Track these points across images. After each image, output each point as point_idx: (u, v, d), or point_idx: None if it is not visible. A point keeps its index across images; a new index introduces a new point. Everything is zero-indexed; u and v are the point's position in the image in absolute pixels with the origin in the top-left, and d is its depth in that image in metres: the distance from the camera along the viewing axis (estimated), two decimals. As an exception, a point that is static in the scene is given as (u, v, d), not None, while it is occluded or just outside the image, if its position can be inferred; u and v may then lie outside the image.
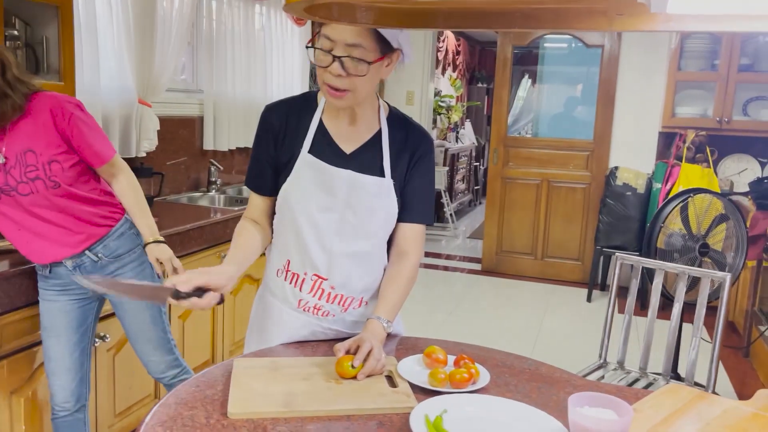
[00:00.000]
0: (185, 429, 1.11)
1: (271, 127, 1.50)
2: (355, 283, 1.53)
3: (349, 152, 1.49)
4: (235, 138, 3.89)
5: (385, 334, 1.45)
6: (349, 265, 1.51)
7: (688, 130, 4.69)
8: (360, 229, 1.49)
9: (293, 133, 1.49)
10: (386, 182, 1.49)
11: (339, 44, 1.34)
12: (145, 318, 2.05)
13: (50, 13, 2.30)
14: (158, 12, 3.09)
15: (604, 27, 1.14)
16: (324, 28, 1.36)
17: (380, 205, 1.49)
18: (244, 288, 3.11)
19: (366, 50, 1.36)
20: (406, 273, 1.53)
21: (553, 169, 5.49)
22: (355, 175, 1.46)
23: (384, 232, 1.54)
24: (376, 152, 1.50)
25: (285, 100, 1.55)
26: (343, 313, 1.55)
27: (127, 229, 2.01)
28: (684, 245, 2.90)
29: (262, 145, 1.51)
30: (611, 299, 2.39)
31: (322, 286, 1.51)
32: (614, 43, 5.15)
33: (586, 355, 3.31)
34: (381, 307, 1.48)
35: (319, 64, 1.38)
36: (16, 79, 1.75)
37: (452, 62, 8.55)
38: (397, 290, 1.51)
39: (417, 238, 1.56)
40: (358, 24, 1.29)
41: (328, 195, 1.47)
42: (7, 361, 1.91)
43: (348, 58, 1.35)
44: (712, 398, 1.30)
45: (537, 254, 5.60)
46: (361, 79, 1.37)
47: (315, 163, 1.46)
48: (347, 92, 1.38)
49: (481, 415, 1.18)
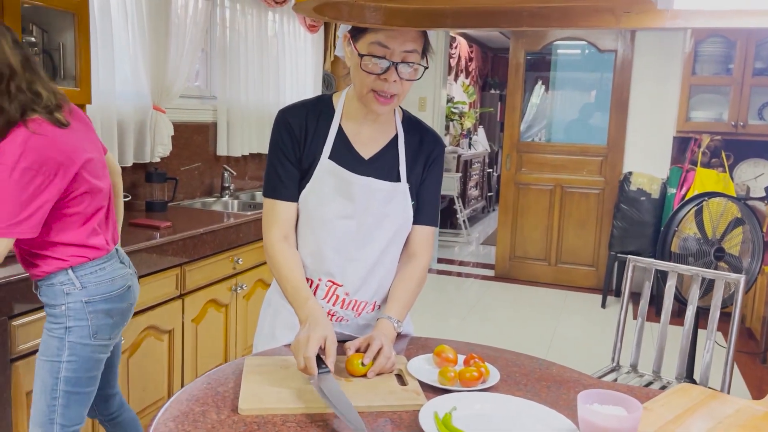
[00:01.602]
0: (196, 424, 1.12)
1: (292, 129, 1.46)
2: (370, 288, 1.52)
3: (367, 157, 1.48)
4: (248, 144, 3.92)
5: (395, 334, 1.45)
6: (365, 271, 1.50)
7: (703, 134, 4.66)
8: (377, 234, 1.49)
9: (313, 138, 1.46)
10: (401, 186, 1.49)
11: (396, 51, 1.33)
12: (37, 383, 1.79)
13: (67, 19, 2.34)
14: (172, 19, 3.13)
15: (611, 24, 1.15)
16: (372, 35, 1.33)
17: (396, 210, 1.49)
18: (257, 292, 3.13)
19: (419, 55, 1.37)
20: (417, 274, 1.53)
21: (567, 175, 5.47)
22: (372, 182, 1.45)
23: (400, 237, 1.53)
24: (393, 156, 1.50)
25: (300, 102, 1.51)
26: (356, 318, 1.55)
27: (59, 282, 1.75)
28: (699, 249, 2.88)
29: (287, 149, 1.46)
30: (624, 301, 2.38)
31: (337, 292, 1.51)
32: (627, 47, 5.13)
33: (599, 361, 3.28)
34: (391, 307, 1.48)
35: (371, 71, 1.35)
36: (18, 90, 1.61)
37: (465, 69, 8.56)
38: (408, 291, 1.51)
39: (427, 240, 1.56)
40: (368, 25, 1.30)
41: (348, 201, 1.45)
42: (24, 362, 1.93)
43: (403, 64, 1.35)
44: (724, 397, 1.28)
45: (550, 260, 5.58)
46: (410, 83, 1.39)
47: (335, 170, 1.44)
48: (395, 97, 1.39)
49: (491, 413, 1.18)
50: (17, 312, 1.88)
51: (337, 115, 1.48)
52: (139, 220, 2.70)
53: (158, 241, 2.42)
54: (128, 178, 3.11)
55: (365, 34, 1.34)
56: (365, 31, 1.34)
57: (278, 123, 1.47)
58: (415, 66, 1.36)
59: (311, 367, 1.21)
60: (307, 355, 1.22)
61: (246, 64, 3.82)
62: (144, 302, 2.37)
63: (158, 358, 2.52)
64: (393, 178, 1.48)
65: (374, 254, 1.49)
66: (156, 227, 2.61)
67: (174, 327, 2.58)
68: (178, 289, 2.57)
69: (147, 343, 2.44)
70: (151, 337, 2.46)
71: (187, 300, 2.63)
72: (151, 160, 3.16)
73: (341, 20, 1.26)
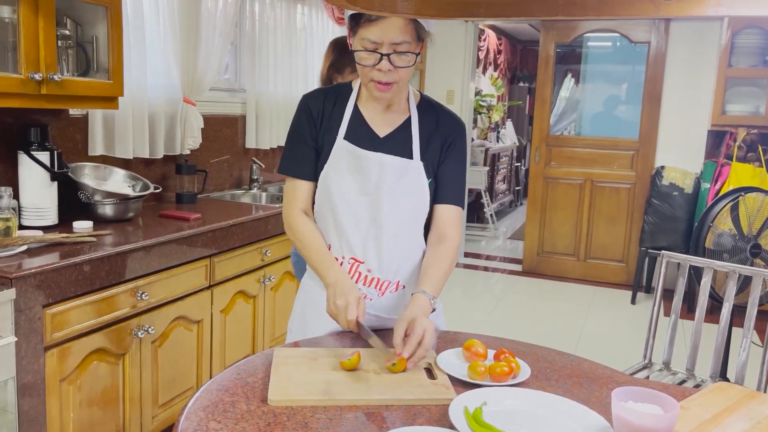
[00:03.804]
0: (226, 414, 1.12)
1: (310, 112, 1.56)
2: (390, 265, 1.55)
3: (382, 136, 1.55)
4: (276, 136, 3.94)
5: (431, 309, 1.44)
6: (384, 248, 1.54)
7: (738, 128, 4.54)
8: (393, 211, 1.53)
9: (330, 119, 1.55)
10: (414, 164, 1.53)
11: (385, 44, 1.41)
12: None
13: (100, 13, 2.37)
14: (203, 13, 3.15)
15: (650, 13, 1.11)
16: (363, 30, 1.42)
17: (410, 188, 1.53)
18: (284, 284, 3.14)
19: (410, 44, 1.43)
20: (447, 253, 1.54)
21: (597, 169, 5.39)
22: (383, 157, 1.51)
23: (416, 214, 1.56)
24: (407, 136, 1.55)
25: (321, 88, 1.65)
26: (380, 297, 1.57)
27: None
28: (734, 245, 2.81)
29: (305, 129, 1.56)
30: (657, 297, 2.33)
31: (359, 269, 1.55)
32: (661, 39, 5.03)
33: (630, 358, 3.23)
34: (425, 282, 1.48)
35: (365, 63, 1.44)
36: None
37: (493, 61, 8.48)
38: (440, 268, 1.51)
39: (454, 220, 1.58)
40: (399, 14, 1.29)
41: (362, 178, 1.51)
42: (57, 349, 1.96)
43: (394, 54, 1.42)
44: (763, 397, 1.25)
45: (579, 255, 5.51)
46: (406, 69, 1.45)
47: (349, 148, 1.52)
48: (393, 84, 1.46)
49: (522, 409, 1.17)
50: (51, 301, 1.91)
51: (353, 97, 1.57)
52: (169, 212, 2.73)
53: (188, 232, 2.44)
54: (159, 170, 3.15)
55: (357, 29, 1.43)
56: (357, 27, 1.43)
57: (299, 106, 1.59)
58: (407, 55, 1.43)
59: (356, 327, 1.39)
60: (350, 318, 1.37)
61: (275, 57, 3.84)
62: (174, 293, 2.40)
63: (187, 348, 2.54)
64: (406, 156, 1.53)
65: (392, 232, 1.54)
66: (186, 219, 2.63)
67: (203, 317, 2.60)
68: (208, 280, 2.59)
69: (176, 333, 2.46)
70: (180, 327, 2.48)
71: (216, 291, 2.65)
72: (182, 152, 3.19)
73: (373, 10, 1.25)
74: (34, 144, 2.29)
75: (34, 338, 1.87)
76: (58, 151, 2.33)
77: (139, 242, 2.21)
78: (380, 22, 1.39)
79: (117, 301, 2.14)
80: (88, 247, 2.09)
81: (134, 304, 2.21)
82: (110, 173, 2.71)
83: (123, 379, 2.24)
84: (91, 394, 2.12)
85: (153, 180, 3.00)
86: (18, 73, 2.04)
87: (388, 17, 1.38)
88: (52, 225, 2.31)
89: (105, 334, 2.12)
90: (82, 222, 2.32)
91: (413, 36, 1.43)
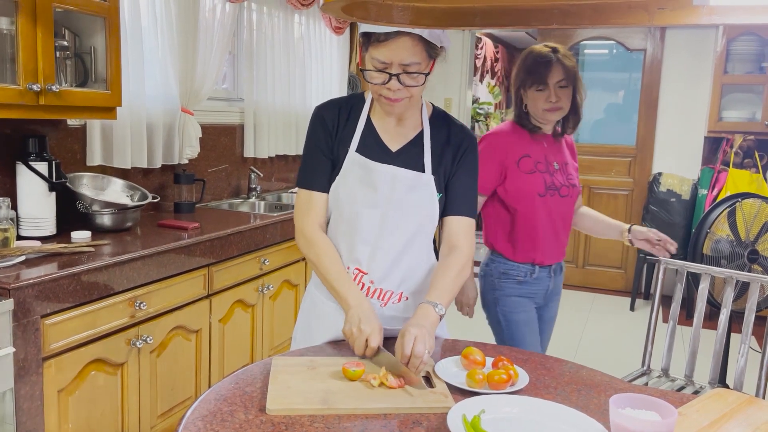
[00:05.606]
0: (224, 424, 1.12)
1: (325, 123, 1.56)
2: (395, 278, 1.55)
3: (395, 150, 1.55)
4: (274, 146, 3.94)
5: (437, 318, 1.43)
6: (390, 260, 1.54)
7: (735, 134, 4.56)
8: (401, 224, 1.53)
9: (344, 131, 1.55)
10: (425, 177, 1.53)
11: (394, 64, 1.41)
12: None
13: (98, 24, 2.37)
14: (200, 23, 3.16)
15: (644, 21, 1.12)
16: (373, 50, 1.41)
17: (420, 201, 1.53)
18: (283, 293, 3.14)
19: (420, 64, 1.43)
20: (457, 263, 1.53)
21: (595, 176, 5.40)
22: (395, 170, 1.51)
23: (424, 227, 1.56)
24: (419, 150, 1.55)
25: (335, 99, 1.62)
26: (382, 308, 1.57)
27: None
28: (732, 251, 2.82)
29: (321, 142, 1.55)
30: (655, 304, 2.34)
31: (363, 280, 1.55)
32: (657, 46, 5.05)
33: (628, 365, 3.23)
34: (430, 291, 1.48)
35: (374, 82, 1.44)
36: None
37: (490, 69, 8.51)
38: (448, 278, 1.50)
39: (466, 231, 1.57)
40: (395, 25, 1.30)
41: (372, 191, 1.51)
42: (55, 360, 1.96)
43: (403, 74, 1.42)
44: (761, 403, 1.25)
45: (578, 262, 5.51)
46: (418, 87, 1.45)
47: (361, 161, 1.52)
48: (404, 99, 1.46)
49: (520, 416, 1.17)
50: (49, 311, 1.91)
51: (366, 107, 1.56)
52: (167, 221, 2.73)
53: (186, 241, 2.44)
54: (157, 180, 3.15)
55: (368, 48, 1.43)
56: (368, 45, 1.43)
57: (314, 118, 1.58)
58: (417, 76, 1.43)
59: (372, 353, 1.39)
60: (373, 345, 1.39)
61: (272, 67, 3.85)
62: (172, 302, 2.40)
63: (186, 357, 2.54)
64: (418, 169, 1.54)
65: (399, 244, 1.54)
66: (184, 228, 2.63)
67: (201, 327, 2.60)
68: (206, 290, 2.59)
69: (175, 343, 2.46)
70: (179, 336, 2.48)
71: (214, 300, 2.65)
72: (180, 162, 3.19)
73: (369, 21, 1.26)
74: (33, 154, 2.29)
75: (32, 349, 1.87)
76: (56, 161, 2.33)
77: (138, 252, 2.21)
78: (389, 43, 1.38)
79: (115, 311, 2.14)
80: (86, 257, 2.09)
81: (132, 314, 2.21)
82: (108, 183, 2.72)
83: (121, 389, 2.23)
84: (89, 404, 2.11)
85: (151, 189, 3.00)
86: (16, 84, 2.05)
87: (397, 38, 1.38)
88: (50, 235, 2.31)
89: (103, 344, 2.12)
90: (81, 232, 2.32)
91: (423, 56, 1.42)
